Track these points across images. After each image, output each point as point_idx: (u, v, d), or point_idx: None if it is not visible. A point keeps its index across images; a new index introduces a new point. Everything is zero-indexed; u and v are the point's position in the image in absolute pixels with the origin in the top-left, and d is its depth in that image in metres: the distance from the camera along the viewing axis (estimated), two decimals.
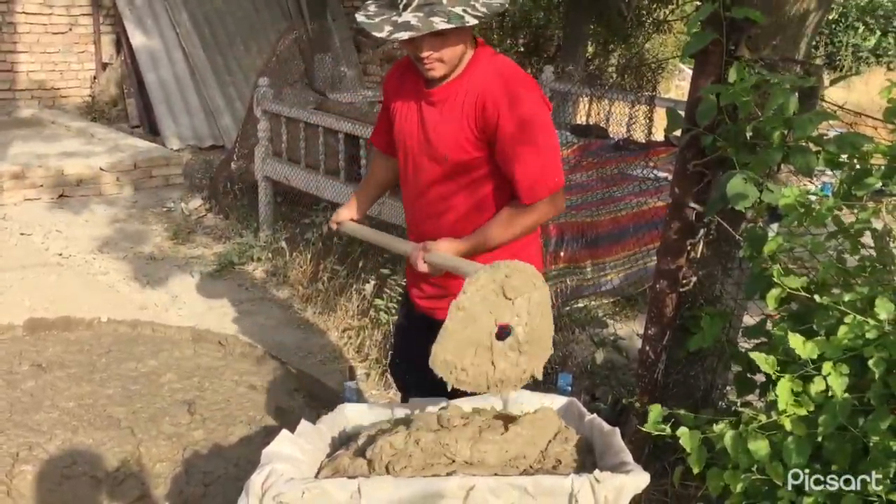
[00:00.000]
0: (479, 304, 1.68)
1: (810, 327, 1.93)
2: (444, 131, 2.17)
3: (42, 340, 3.77)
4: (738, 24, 2.33)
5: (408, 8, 1.99)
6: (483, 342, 1.71)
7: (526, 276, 1.73)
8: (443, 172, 2.22)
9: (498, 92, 2.09)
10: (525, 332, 1.74)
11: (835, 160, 2.09)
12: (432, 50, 2.05)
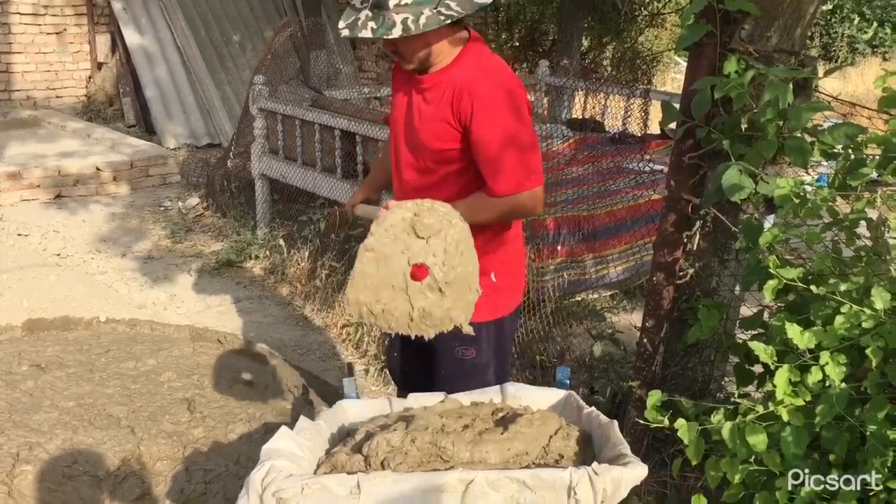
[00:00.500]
0: (390, 245, 1.69)
1: (807, 317, 1.94)
2: (426, 119, 2.18)
3: (41, 340, 3.77)
4: (732, 16, 2.33)
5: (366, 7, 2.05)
6: (398, 283, 1.71)
7: (439, 215, 1.72)
8: (421, 161, 2.24)
9: (477, 87, 2.09)
10: (443, 270, 1.73)
11: (830, 151, 2.09)
12: (392, 48, 2.11)
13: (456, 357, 2.31)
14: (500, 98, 2.10)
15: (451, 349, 2.30)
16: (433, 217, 1.71)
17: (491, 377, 2.35)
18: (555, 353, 3.42)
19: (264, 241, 5.31)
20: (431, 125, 2.17)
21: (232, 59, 9.26)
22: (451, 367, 2.33)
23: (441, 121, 2.14)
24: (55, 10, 9.02)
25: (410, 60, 2.13)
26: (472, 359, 2.31)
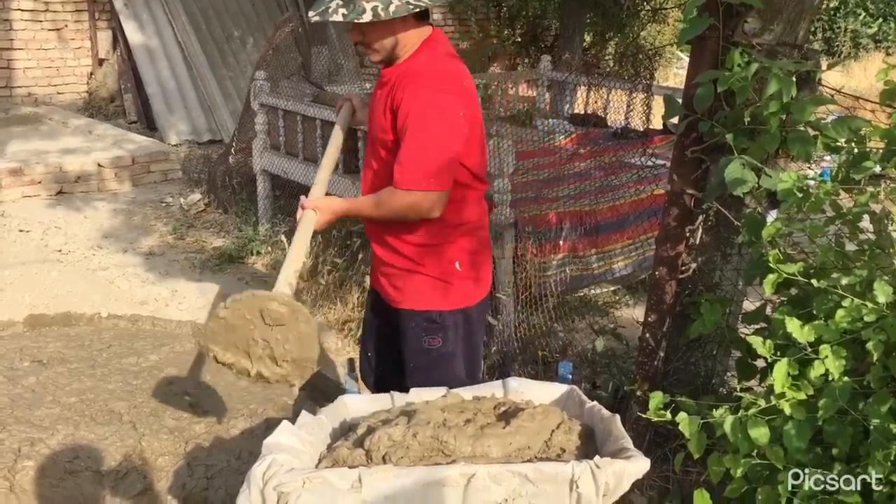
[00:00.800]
0: (240, 320, 1.93)
1: (810, 311, 1.93)
2: (379, 118, 2.28)
3: (43, 336, 3.77)
4: (734, 9, 2.32)
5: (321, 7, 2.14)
6: (242, 347, 1.96)
7: (290, 312, 1.93)
8: (374, 152, 2.34)
9: (414, 81, 2.18)
10: (283, 350, 1.96)
11: (833, 144, 2.08)
12: (360, 38, 2.20)
13: (423, 347, 2.38)
14: (431, 97, 2.16)
15: (417, 338, 2.37)
16: (284, 312, 1.93)
17: (459, 367, 2.41)
18: (557, 349, 3.42)
19: (266, 237, 5.31)
20: (379, 115, 2.28)
21: (233, 54, 9.25)
22: (419, 357, 2.39)
23: (384, 110, 2.25)
24: (56, 7, 9.00)
25: (377, 50, 2.20)
26: (438, 348, 2.38)
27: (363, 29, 2.18)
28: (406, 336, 2.40)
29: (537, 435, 1.67)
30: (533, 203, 3.91)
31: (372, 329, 2.64)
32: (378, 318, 2.58)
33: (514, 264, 3.56)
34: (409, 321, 2.40)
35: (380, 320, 2.57)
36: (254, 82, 5.43)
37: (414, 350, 2.39)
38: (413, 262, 2.36)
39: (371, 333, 2.65)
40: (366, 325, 2.70)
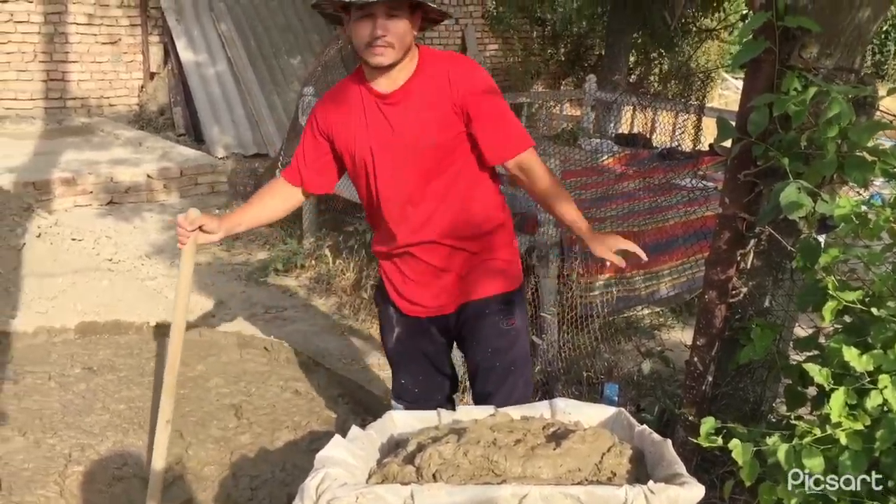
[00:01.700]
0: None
1: (865, 340, 1.90)
2: (424, 119, 2.24)
3: (93, 344, 3.85)
4: (791, 32, 2.30)
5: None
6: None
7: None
8: (432, 159, 2.27)
9: (458, 67, 2.24)
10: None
11: (891, 170, 2.05)
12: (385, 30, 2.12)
13: (502, 328, 2.42)
14: (483, 74, 2.29)
15: (494, 323, 2.41)
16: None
17: (527, 342, 2.54)
18: (602, 370, 3.40)
19: (310, 251, 5.36)
20: (433, 121, 2.24)
21: (280, 70, 9.39)
22: (499, 341, 2.43)
23: (442, 109, 2.23)
24: (110, 21, 9.23)
25: (394, 46, 2.15)
26: (515, 326, 2.45)
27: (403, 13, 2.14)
28: (481, 324, 2.41)
29: (588, 457, 1.66)
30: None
31: (415, 360, 2.55)
32: (422, 340, 2.52)
33: (560, 283, 3.55)
34: (484, 308, 2.41)
35: (425, 341, 2.52)
36: (302, 98, 5.51)
37: (492, 335, 2.42)
38: (488, 248, 2.41)
39: (409, 362, 2.56)
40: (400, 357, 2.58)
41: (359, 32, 2.15)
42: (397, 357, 2.59)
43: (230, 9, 9.32)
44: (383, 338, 2.62)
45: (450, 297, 2.43)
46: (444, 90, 2.23)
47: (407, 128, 2.25)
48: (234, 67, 9.08)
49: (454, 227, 2.35)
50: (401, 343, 2.55)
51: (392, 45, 2.14)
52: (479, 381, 2.49)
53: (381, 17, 2.11)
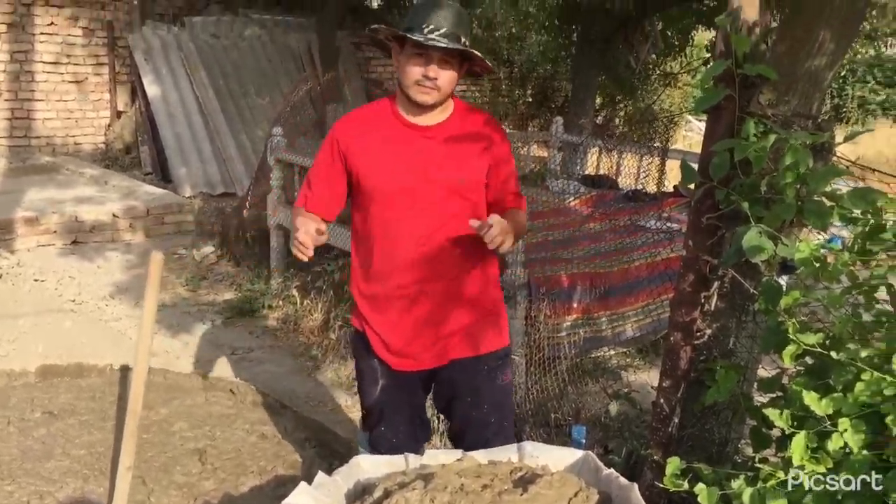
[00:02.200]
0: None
1: (827, 382, 1.93)
2: (457, 156, 2.29)
3: (54, 387, 3.77)
4: (750, 79, 2.36)
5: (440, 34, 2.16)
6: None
7: None
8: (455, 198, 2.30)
9: (494, 124, 2.41)
10: None
11: (849, 215, 2.10)
12: (437, 74, 2.19)
13: (498, 384, 2.45)
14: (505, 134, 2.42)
15: (491, 378, 2.43)
16: None
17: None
18: (569, 412, 3.40)
19: (278, 291, 5.33)
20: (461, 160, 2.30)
21: (249, 108, 9.40)
22: (494, 396, 2.44)
23: (475, 154, 2.31)
24: (77, 60, 9.21)
25: (442, 89, 2.22)
26: (508, 382, 2.50)
27: (454, 63, 2.22)
28: (478, 380, 2.41)
29: (555, 503, 1.66)
30: (546, 263, 3.93)
31: (400, 411, 2.50)
32: (407, 392, 2.47)
33: (527, 324, 3.56)
34: (481, 365, 2.41)
35: (411, 394, 2.48)
36: (270, 138, 5.52)
37: (489, 391, 2.42)
38: (495, 303, 2.46)
39: (394, 414, 2.50)
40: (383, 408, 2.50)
41: (410, 68, 2.21)
42: (380, 408, 2.50)
43: (199, 49, 9.33)
44: (364, 389, 2.52)
45: (443, 351, 2.39)
46: (480, 138, 2.33)
47: (438, 162, 2.28)
48: (202, 106, 9.08)
49: (460, 272, 2.35)
50: (386, 394, 2.47)
51: (439, 88, 2.21)
52: (473, 434, 2.46)
53: (436, 61, 2.19)
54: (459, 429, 2.53)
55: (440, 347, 2.39)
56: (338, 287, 4.92)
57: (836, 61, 2.53)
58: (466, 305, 2.38)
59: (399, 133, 2.30)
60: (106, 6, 9.33)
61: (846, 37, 2.41)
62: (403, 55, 2.23)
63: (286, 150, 5.42)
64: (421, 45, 2.15)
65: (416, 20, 2.18)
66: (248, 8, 10.32)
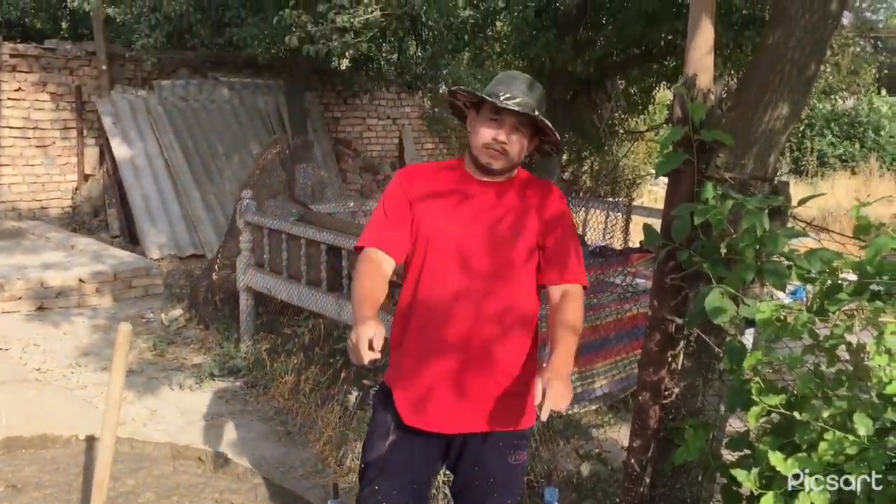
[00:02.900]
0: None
1: (793, 441, 1.95)
2: (519, 215, 2.31)
3: (18, 459, 3.70)
4: (708, 144, 2.44)
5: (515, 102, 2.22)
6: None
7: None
8: (514, 260, 2.29)
9: (557, 191, 2.39)
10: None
11: (806, 275, 2.15)
12: (507, 139, 2.24)
13: (509, 463, 2.38)
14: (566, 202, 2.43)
15: (504, 457, 2.36)
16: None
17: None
18: (542, 473, 3.38)
19: (247, 355, 5.29)
20: (523, 220, 2.31)
21: (218, 170, 9.43)
22: (504, 475, 2.38)
23: (531, 219, 2.31)
24: (45, 125, 9.21)
25: (512, 154, 2.26)
26: (521, 462, 2.42)
27: (525, 134, 2.27)
28: (489, 453, 2.35)
29: None
30: None
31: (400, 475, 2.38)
32: (416, 451, 2.37)
33: None
34: (498, 441, 2.34)
35: (418, 453, 2.37)
36: (240, 201, 5.53)
37: (498, 467, 2.37)
38: (526, 373, 2.33)
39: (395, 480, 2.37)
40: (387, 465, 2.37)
41: (482, 131, 2.25)
42: (384, 465, 2.37)
43: (168, 112, 9.38)
44: (372, 443, 2.40)
45: (469, 420, 2.31)
46: (541, 203, 2.33)
47: (502, 219, 2.30)
48: (171, 169, 9.09)
49: (504, 338, 2.31)
50: (395, 450, 2.36)
51: (507, 153, 2.25)
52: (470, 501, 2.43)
53: (508, 126, 2.24)
54: (459, 492, 2.47)
55: (465, 417, 2.32)
56: (308, 349, 4.90)
57: (790, 124, 2.62)
58: (505, 377, 2.32)
59: (465, 192, 2.32)
60: (74, 71, 9.37)
61: (798, 102, 2.50)
62: (478, 119, 2.29)
63: (255, 213, 5.43)
64: (496, 109, 2.22)
65: (494, 89, 2.27)
66: (217, 71, 10.42)
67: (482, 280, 2.27)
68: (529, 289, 2.34)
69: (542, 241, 2.32)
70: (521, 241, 2.30)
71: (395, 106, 12.22)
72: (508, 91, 2.25)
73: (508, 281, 2.29)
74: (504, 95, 2.23)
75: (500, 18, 7.38)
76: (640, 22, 6.29)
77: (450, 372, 2.28)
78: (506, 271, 2.29)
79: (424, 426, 2.31)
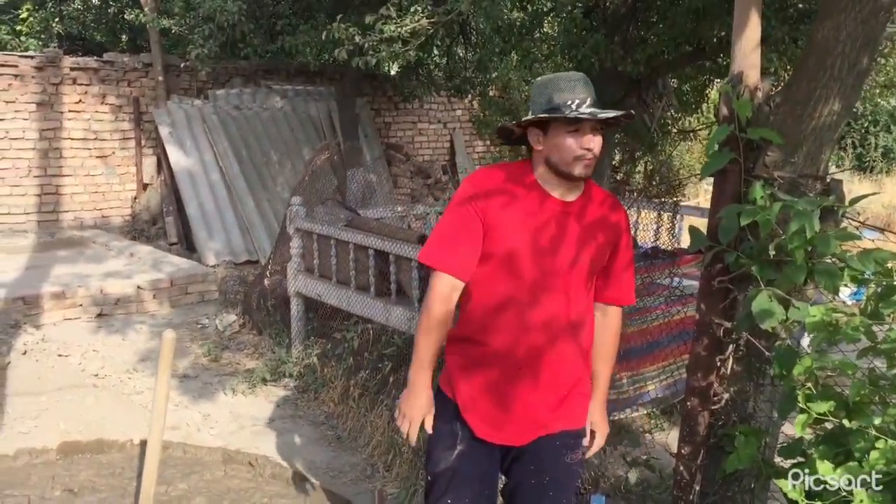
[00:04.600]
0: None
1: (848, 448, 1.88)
2: (592, 234, 2.30)
3: (75, 464, 3.78)
4: (755, 142, 2.37)
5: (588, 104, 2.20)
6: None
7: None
8: (586, 273, 2.31)
9: (621, 206, 2.40)
10: None
11: (859, 277, 2.07)
12: (595, 144, 2.22)
13: (566, 462, 2.39)
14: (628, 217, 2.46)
15: (561, 456, 2.37)
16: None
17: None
18: (588, 480, 3.33)
19: (298, 360, 5.33)
20: (595, 245, 2.30)
21: (271, 177, 9.55)
22: (561, 474, 2.39)
23: (602, 239, 2.31)
24: (105, 135, 9.44)
25: (597, 157, 2.24)
26: (578, 461, 2.43)
27: (599, 132, 2.24)
28: (548, 456, 2.36)
29: None
30: None
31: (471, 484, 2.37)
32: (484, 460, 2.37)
33: None
34: (555, 441, 2.35)
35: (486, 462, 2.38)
36: (290, 207, 5.58)
37: (556, 469, 2.37)
38: (585, 378, 2.42)
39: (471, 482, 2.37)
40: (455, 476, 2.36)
41: (567, 146, 2.20)
42: (450, 476, 2.36)
43: (223, 120, 9.54)
44: (437, 455, 2.37)
45: (537, 429, 2.33)
46: (614, 222, 2.34)
47: (573, 240, 2.28)
48: (225, 176, 9.23)
49: (572, 354, 2.33)
50: (461, 463, 2.35)
51: (597, 157, 2.24)
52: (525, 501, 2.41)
53: (589, 132, 2.21)
54: (513, 493, 2.44)
55: (535, 427, 2.33)
56: (357, 354, 4.91)
57: (842, 120, 2.52)
58: (570, 388, 2.35)
59: (540, 207, 2.27)
60: (132, 83, 9.59)
61: (849, 97, 2.41)
62: (553, 135, 2.22)
63: (305, 219, 5.48)
64: (575, 120, 2.18)
65: (556, 99, 2.20)
66: (270, 79, 10.57)
67: (558, 299, 2.28)
68: (591, 301, 2.40)
69: (609, 261, 2.37)
70: (595, 260, 2.31)
71: (445, 110, 12.24)
72: (574, 97, 2.20)
73: (578, 301, 2.31)
74: (574, 103, 2.19)
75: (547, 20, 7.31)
76: (692, 18, 6.17)
77: (527, 389, 2.29)
78: (579, 289, 2.31)
79: (497, 440, 2.34)
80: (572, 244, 2.27)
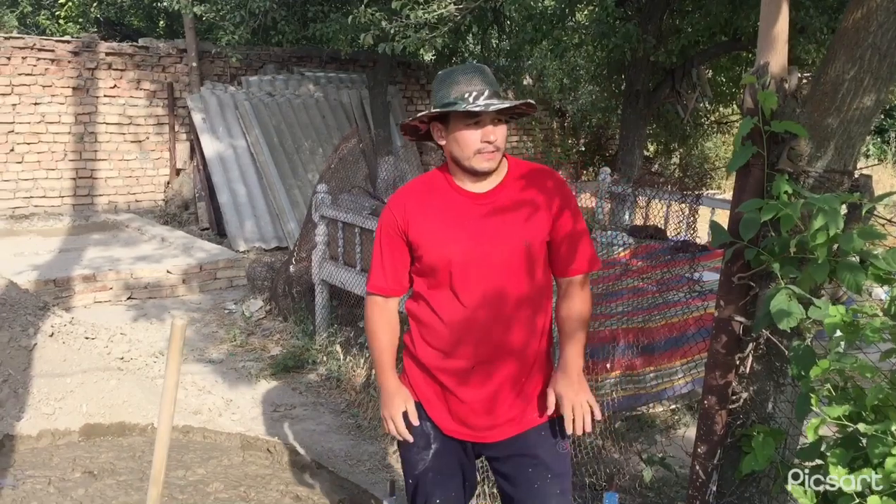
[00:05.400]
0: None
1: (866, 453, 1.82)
2: (519, 220, 2.23)
3: (96, 447, 3.82)
4: (779, 136, 2.30)
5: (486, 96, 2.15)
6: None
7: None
8: (524, 263, 2.24)
9: (555, 178, 2.31)
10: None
11: (883, 276, 2.00)
12: (495, 135, 2.16)
13: (560, 453, 2.37)
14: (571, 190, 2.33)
15: (552, 445, 2.35)
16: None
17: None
18: (602, 477, 3.28)
19: (321, 347, 5.34)
20: (524, 222, 2.23)
21: (302, 164, 9.58)
22: (556, 464, 2.36)
23: (535, 215, 2.24)
24: (139, 121, 9.54)
25: (501, 149, 2.20)
26: (568, 450, 2.42)
27: (501, 122, 2.20)
28: (539, 449, 2.33)
29: None
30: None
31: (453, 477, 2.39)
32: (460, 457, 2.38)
33: None
34: (541, 431, 2.34)
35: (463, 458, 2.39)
36: (315, 195, 5.58)
37: (552, 460, 2.35)
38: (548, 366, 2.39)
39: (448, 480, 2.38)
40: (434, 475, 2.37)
41: (466, 138, 2.17)
42: (431, 475, 2.37)
43: (255, 107, 9.57)
44: (413, 456, 2.38)
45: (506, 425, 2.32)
46: (541, 197, 2.25)
47: (502, 228, 2.23)
48: (257, 163, 9.28)
49: (526, 339, 2.29)
50: (439, 460, 2.36)
51: (500, 149, 2.19)
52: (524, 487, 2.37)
53: (490, 122, 2.17)
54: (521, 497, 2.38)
55: (503, 422, 2.31)
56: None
57: (873, 114, 2.44)
58: (532, 375, 2.32)
59: (457, 203, 2.25)
60: (166, 69, 9.67)
61: (881, 90, 2.32)
62: (453, 129, 2.19)
63: (330, 207, 5.47)
64: (473, 113, 2.13)
65: (452, 93, 2.17)
66: (303, 66, 10.59)
67: (500, 288, 2.24)
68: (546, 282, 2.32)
69: (551, 235, 2.27)
70: (532, 240, 2.23)
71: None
72: (471, 89, 2.15)
73: (520, 286, 2.25)
74: (471, 95, 2.14)
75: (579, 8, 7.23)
76: (728, 8, 6.05)
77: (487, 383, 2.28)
78: (521, 274, 2.25)
79: (469, 438, 2.33)
80: (499, 232, 2.23)
